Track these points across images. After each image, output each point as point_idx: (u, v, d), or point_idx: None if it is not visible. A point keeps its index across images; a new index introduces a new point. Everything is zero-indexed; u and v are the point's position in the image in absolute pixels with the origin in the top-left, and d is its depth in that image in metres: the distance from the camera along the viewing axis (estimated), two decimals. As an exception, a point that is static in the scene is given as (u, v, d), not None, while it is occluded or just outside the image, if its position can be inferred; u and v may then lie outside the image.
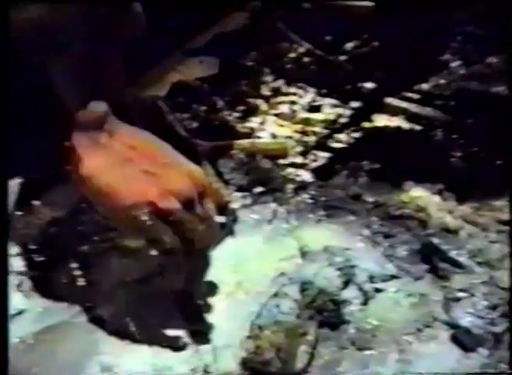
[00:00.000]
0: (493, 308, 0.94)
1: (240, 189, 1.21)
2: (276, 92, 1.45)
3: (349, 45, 1.50)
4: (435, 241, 1.06)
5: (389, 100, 1.40)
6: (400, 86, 1.41)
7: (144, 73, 1.11)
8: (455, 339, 0.91)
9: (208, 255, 0.93)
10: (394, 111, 1.37)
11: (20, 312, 0.88)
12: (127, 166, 0.62)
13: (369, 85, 1.44)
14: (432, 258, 1.04)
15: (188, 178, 0.65)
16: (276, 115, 1.40)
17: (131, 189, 0.61)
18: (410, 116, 1.35)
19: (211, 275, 0.97)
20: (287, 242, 1.08)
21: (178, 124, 1.29)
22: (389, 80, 1.42)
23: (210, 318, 0.92)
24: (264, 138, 1.33)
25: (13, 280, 0.90)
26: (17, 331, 0.85)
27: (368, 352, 0.88)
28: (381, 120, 1.36)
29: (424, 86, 1.40)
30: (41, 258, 0.91)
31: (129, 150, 0.63)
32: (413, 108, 1.37)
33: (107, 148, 0.62)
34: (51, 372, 0.82)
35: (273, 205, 1.17)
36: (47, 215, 0.88)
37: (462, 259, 1.02)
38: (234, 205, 1.15)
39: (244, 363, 0.85)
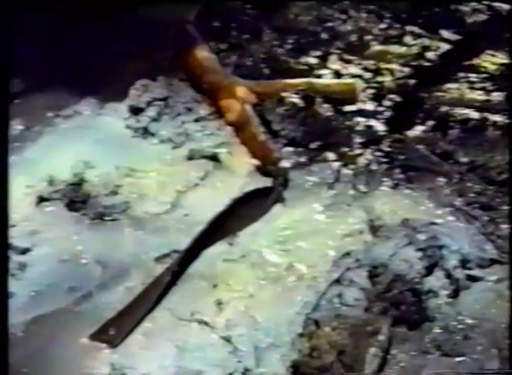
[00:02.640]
0: None
1: (292, 143, 1.21)
2: (341, 17, 1.45)
3: None
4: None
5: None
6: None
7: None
8: None
9: None
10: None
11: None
12: None
13: (467, 8, 1.41)
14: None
15: None
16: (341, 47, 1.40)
17: None
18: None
19: (253, 256, 0.98)
20: (353, 213, 1.07)
21: (212, 57, 1.29)
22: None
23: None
24: (325, 77, 1.33)
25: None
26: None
27: (458, 359, 0.87)
28: (489, 58, 1.35)
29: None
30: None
31: None
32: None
33: None
34: (45, 373, 0.84)
35: (335, 165, 1.17)
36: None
37: None
38: (285, 164, 1.15)
39: (296, 368, 0.85)
